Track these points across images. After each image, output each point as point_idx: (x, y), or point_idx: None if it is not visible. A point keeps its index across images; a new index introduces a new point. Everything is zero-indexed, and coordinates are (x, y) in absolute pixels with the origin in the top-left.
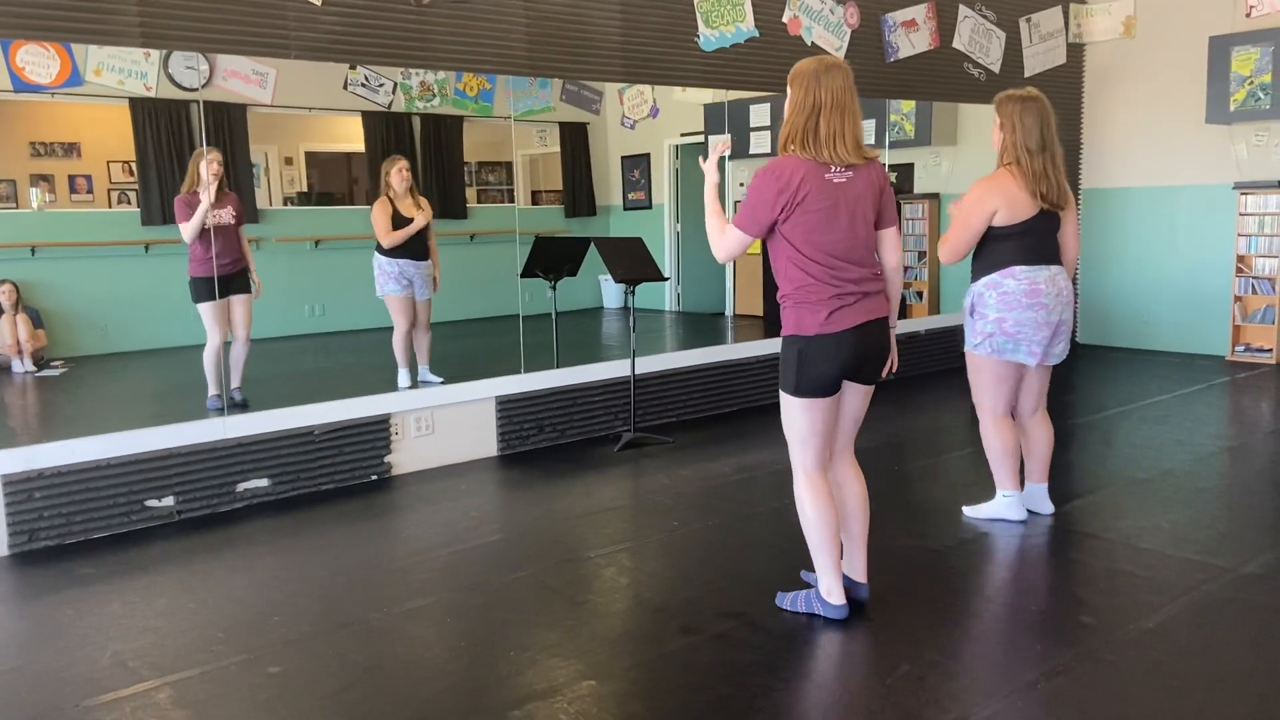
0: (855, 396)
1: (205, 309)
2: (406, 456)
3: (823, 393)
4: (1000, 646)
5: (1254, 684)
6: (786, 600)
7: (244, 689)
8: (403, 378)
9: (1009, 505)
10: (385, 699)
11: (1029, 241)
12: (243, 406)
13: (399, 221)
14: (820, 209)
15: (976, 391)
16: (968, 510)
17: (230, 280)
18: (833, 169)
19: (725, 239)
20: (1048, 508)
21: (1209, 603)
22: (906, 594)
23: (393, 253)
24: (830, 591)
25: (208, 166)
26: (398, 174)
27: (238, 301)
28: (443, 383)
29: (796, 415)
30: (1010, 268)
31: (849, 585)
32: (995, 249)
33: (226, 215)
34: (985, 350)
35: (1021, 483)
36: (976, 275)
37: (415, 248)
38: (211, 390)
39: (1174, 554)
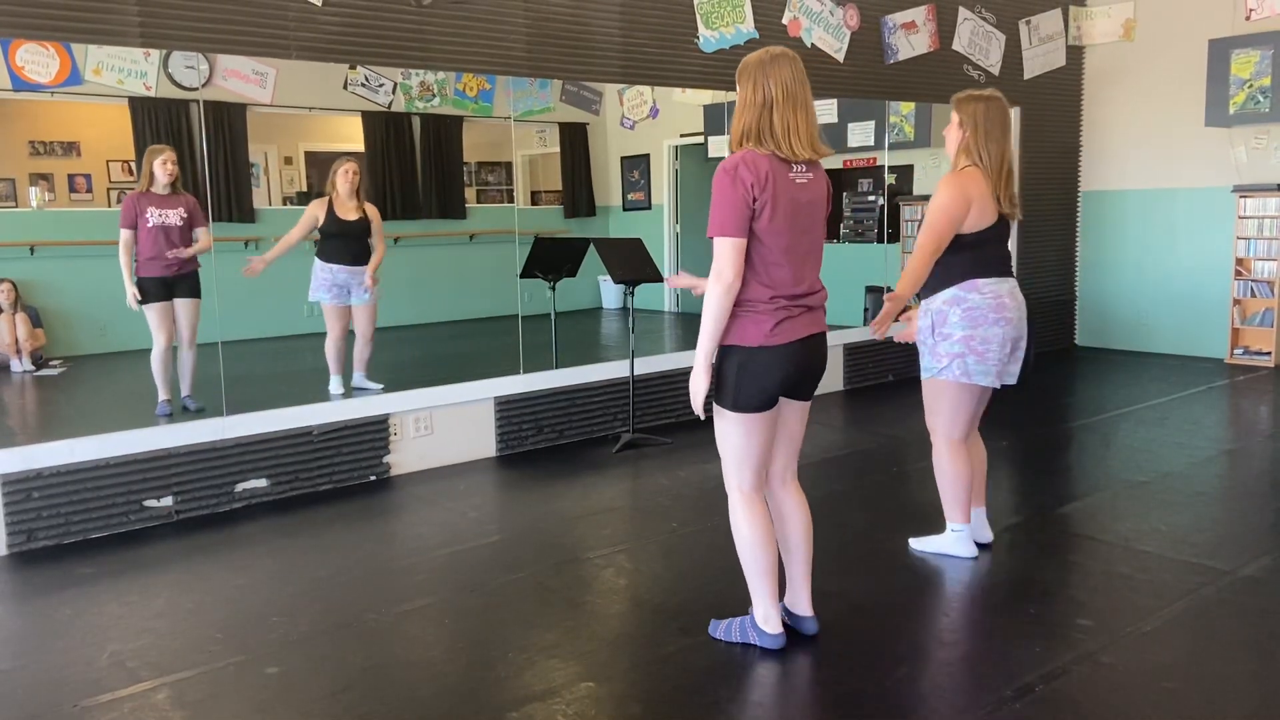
0: (793, 415)
1: (148, 310)
2: (405, 457)
3: (762, 407)
4: (998, 648)
5: (1253, 687)
6: (720, 630)
7: (242, 689)
8: (333, 385)
9: (959, 540)
10: (383, 700)
11: (990, 251)
12: (197, 414)
13: (333, 223)
14: (785, 210)
15: (933, 416)
16: (914, 543)
17: (175, 283)
18: (794, 168)
19: (718, 257)
20: (987, 535)
21: (1207, 606)
22: (904, 595)
23: (327, 257)
24: (766, 619)
25: (162, 166)
26: (343, 176)
27: (182, 305)
28: (382, 390)
29: (733, 431)
30: (972, 280)
31: (795, 620)
32: (954, 260)
33: (175, 217)
34: (954, 373)
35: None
36: (932, 290)
37: (351, 252)
38: (161, 395)
39: (1172, 557)
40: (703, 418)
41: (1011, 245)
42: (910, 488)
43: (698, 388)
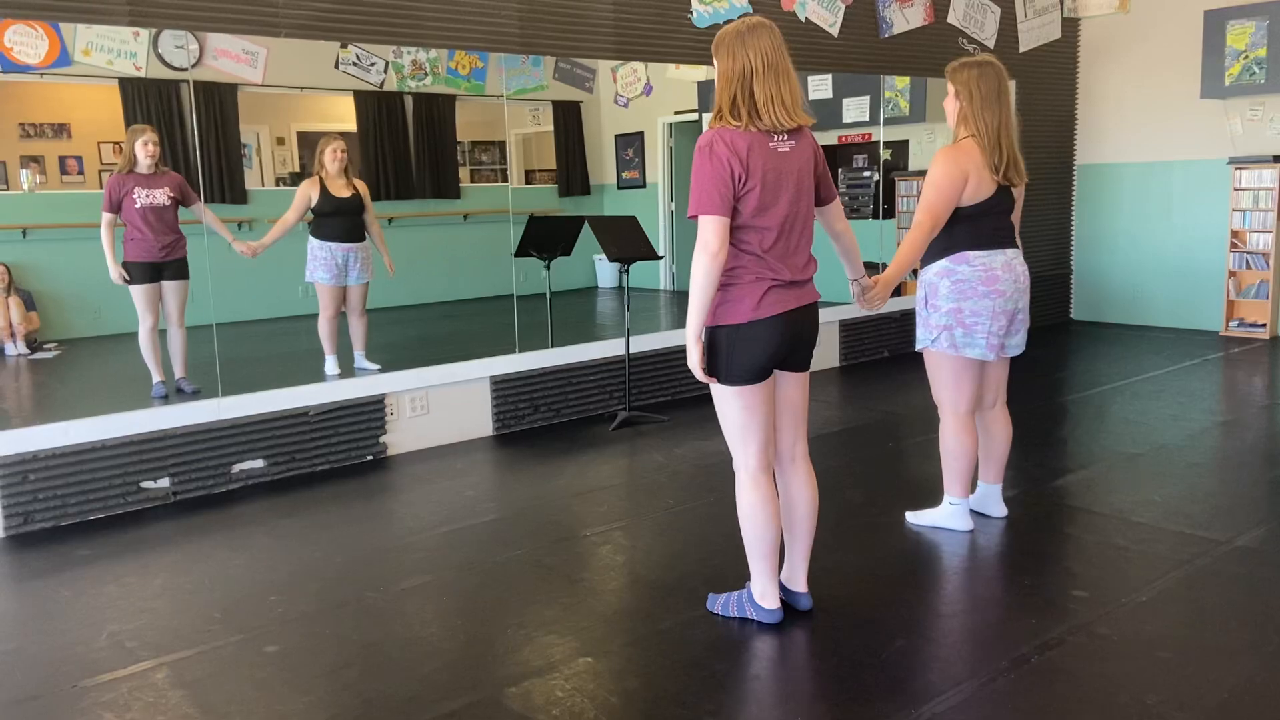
0: (792, 386)
1: (135, 291)
2: (402, 436)
3: (754, 379)
4: (994, 620)
5: (1246, 657)
6: (717, 604)
7: (241, 668)
8: (329, 366)
9: (955, 514)
10: (382, 677)
11: (985, 223)
12: (193, 396)
13: (328, 202)
14: (769, 185)
15: (936, 389)
16: (910, 516)
17: (163, 265)
18: (775, 138)
19: (703, 232)
20: (1000, 510)
21: (1201, 576)
22: (899, 569)
23: (325, 236)
24: (764, 595)
25: (143, 146)
26: (331, 153)
27: (170, 287)
28: (380, 370)
29: (730, 406)
30: (963, 253)
31: (789, 596)
32: (949, 232)
33: (162, 196)
34: (943, 344)
35: (973, 484)
36: (926, 262)
37: (348, 229)
38: (155, 377)
39: (1167, 528)
40: (705, 380)
41: (1015, 216)
42: (906, 463)
43: (693, 361)
